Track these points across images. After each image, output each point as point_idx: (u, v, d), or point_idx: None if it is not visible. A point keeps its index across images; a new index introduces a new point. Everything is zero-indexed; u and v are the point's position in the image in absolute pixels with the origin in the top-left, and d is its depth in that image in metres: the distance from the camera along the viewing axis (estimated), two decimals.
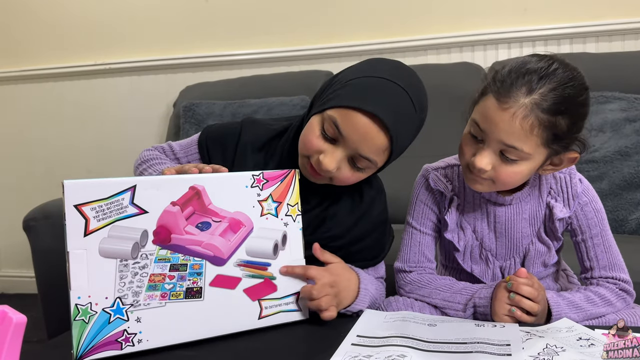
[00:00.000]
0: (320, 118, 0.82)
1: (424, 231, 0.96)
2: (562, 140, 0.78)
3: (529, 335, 0.70)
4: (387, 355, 0.65)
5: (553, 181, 0.90)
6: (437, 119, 1.87)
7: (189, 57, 2.27)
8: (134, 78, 2.35)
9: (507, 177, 0.81)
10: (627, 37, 1.87)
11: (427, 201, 0.96)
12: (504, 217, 0.90)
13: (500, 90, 0.77)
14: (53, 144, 2.44)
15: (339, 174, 0.83)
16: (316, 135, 0.82)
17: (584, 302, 0.84)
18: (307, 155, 0.84)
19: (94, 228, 0.69)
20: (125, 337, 0.69)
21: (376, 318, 0.81)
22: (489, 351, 0.65)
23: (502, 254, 0.91)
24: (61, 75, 2.41)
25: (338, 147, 0.81)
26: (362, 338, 0.72)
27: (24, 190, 2.46)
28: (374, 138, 0.79)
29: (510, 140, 0.76)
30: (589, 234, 0.89)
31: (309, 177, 0.86)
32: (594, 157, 1.55)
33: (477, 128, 0.80)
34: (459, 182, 0.93)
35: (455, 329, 0.74)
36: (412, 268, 0.95)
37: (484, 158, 0.79)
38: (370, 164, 0.82)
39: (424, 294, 0.90)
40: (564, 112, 0.75)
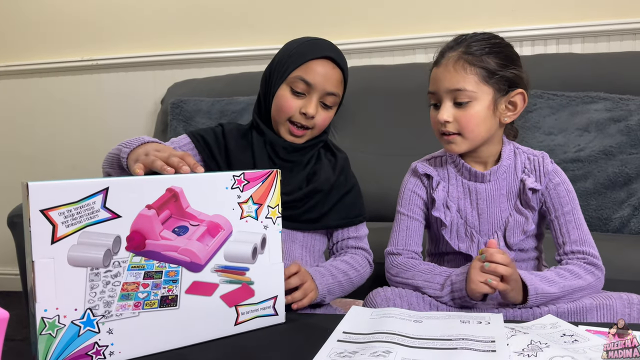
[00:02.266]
0: (286, 85, 1.02)
1: (411, 216, 1.04)
2: (496, 75, 0.93)
3: (513, 332, 0.71)
4: (373, 351, 0.65)
5: (527, 161, 1.01)
6: (426, 118, 1.88)
7: (176, 54, 2.25)
8: (121, 74, 2.34)
9: (468, 122, 0.94)
10: (613, 38, 1.89)
11: (415, 188, 1.05)
12: (485, 193, 1.00)
13: (437, 59, 0.97)
14: (38, 141, 2.42)
15: (317, 119, 1.02)
16: (290, 98, 1.01)
17: (555, 277, 0.91)
18: (288, 118, 1.02)
19: (62, 235, 0.63)
20: (97, 349, 0.65)
21: (362, 315, 0.81)
22: (474, 347, 0.65)
23: (485, 229, 1.00)
24: (47, 71, 2.39)
25: (310, 96, 1.01)
26: (348, 334, 0.73)
27: (8, 187, 2.42)
28: (333, 74, 1.03)
29: (453, 84, 0.93)
30: (562, 211, 0.98)
31: (293, 139, 1.04)
32: (578, 157, 1.57)
33: (431, 94, 0.98)
34: (443, 169, 1.04)
35: (440, 325, 0.74)
36: (400, 251, 1.03)
37: (442, 112, 0.95)
38: (336, 98, 1.04)
39: (408, 276, 0.98)
40: (490, 53, 0.94)
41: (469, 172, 1.00)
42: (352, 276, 1.04)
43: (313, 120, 1.02)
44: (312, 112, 1.01)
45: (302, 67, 1.01)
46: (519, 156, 1.01)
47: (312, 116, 1.01)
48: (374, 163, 1.82)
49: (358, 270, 1.06)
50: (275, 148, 1.04)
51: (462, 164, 1.00)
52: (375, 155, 1.83)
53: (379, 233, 1.26)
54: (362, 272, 1.07)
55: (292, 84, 1.01)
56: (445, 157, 1.04)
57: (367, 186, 1.80)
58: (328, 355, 0.65)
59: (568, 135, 1.62)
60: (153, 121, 2.23)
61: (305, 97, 1.02)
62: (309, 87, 1.01)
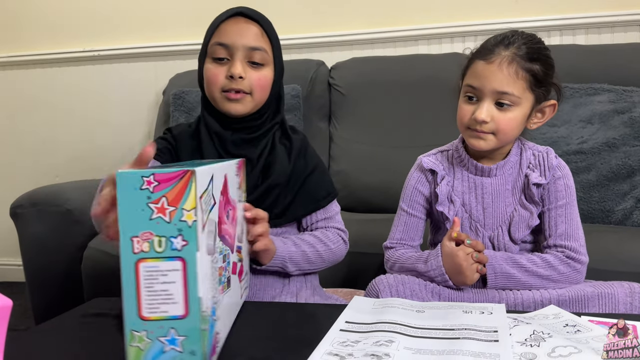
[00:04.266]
0: (208, 58, 0.97)
1: (411, 213, 1.05)
2: (542, 85, 0.93)
3: (516, 322, 0.71)
4: (375, 340, 0.65)
5: (532, 157, 1.01)
6: (428, 109, 1.89)
7: (179, 45, 2.25)
8: (123, 65, 2.33)
9: (505, 125, 0.93)
10: (616, 29, 1.88)
11: (418, 184, 1.05)
12: (490, 188, 1.00)
13: (485, 52, 0.93)
14: (41, 131, 2.42)
15: (250, 79, 0.96)
16: (213, 67, 0.96)
17: (524, 260, 0.93)
18: (220, 89, 0.96)
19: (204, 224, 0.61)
20: None
21: (365, 305, 0.81)
22: (476, 337, 0.65)
23: (489, 224, 1.00)
24: (49, 61, 2.38)
25: (233, 58, 0.95)
26: (351, 324, 0.73)
27: (11, 178, 2.44)
28: (248, 29, 0.97)
29: (502, 86, 0.90)
30: (555, 204, 0.98)
31: (234, 107, 0.97)
32: (581, 149, 1.57)
33: (472, 89, 0.94)
34: (449, 163, 1.04)
35: (443, 315, 0.74)
36: (394, 244, 1.05)
37: (483, 110, 0.92)
38: (262, 53, 0.97)
39: (401, 263, 1.00)
40: (537, 60, 0.92)
41: (475, 167, 1.00)
42: (320, 250, 0.99)
43: (245, 81, 0.95)
44: (237, 71, 0.94)
45: (216, 32, 0.97)
46: (525, 152, 1.01)
47: (240, 76, 0.94)
48: (375, 155, 1.82)
49: (327, 245, 1.00)
50: (224, 143, 0.99)
51: (469, 159, 1.00)
52: (377, 147, 1.83)
53: (380, 224, 1.26)
54: (334, 248, 1.01)
55: (213, 54, 0.96)
56: (451, 151, 1.04)
57: (369, 178, 1.81)
58: (330, 344, 0.65)
59: (571, 127, 1.61)
60: (155, 112, 2.23)
61: (229, 62, 0.96)
62: (227, 50, 0.95)
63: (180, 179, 0.57)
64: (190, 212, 0.57)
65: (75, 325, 0.79)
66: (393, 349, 0.63)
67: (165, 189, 0.57)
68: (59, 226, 1.50)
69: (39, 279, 1.54)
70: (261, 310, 0.83)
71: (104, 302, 0.87)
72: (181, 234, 0.57)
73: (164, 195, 0.57)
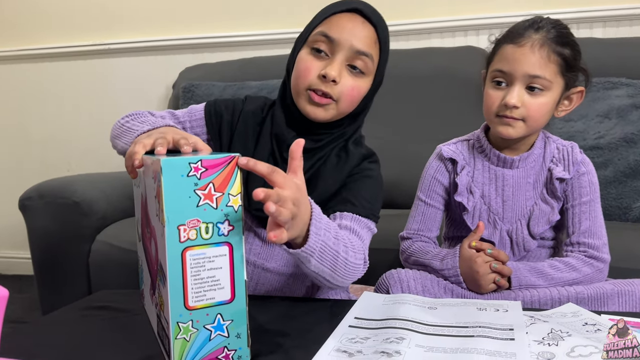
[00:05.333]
0: (307, 47, 0.87)
1: (429, 203, 1.02)
2: (572, 69, 0.91)
3: (532, 320, 0.68)
4: (386, 337, 0.63)
5: (556, 151, 0.98)
6: (442, 102, 1.86)
7: (188, 38, 2.23)
8: (132, 59, 2.32)
9: (536, 111, 0.90)
10: (635, 22, 1.84)
11: (437, 174, 1.02)
12: (512, 180, 0.97)
13: (515, 36, 0.90)
14: (50, 125, 2.41)
15: (343, 86, 0.84)
16: (309, 59, 0.85)
17: (547, 268, 0.90)
18: (307, 86, 0.85)
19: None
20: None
21: (375, 300, 0.79)
22: (491, 335, 0.63)
23: (508, 217, 0.97)
24: (59, 55, 2.37)
25: (333, 57, 0.84)
26: (360, 320, 0.70)
27: (21, 171, 2.44)
28: (361, 29, 0.85)
29: (534, 69, 0.88)
30: (579, 201, 0.95)
31: (314, 111, 0.85)
32: (598, 144, 1.53)
33: (501, 73, 0.91)
34: (469, 153, 1.01)
35: (456, 312, 0.72)
36: (410, 235, 1.03)
37: (514, 95, 0.89)
38: (367, 61, 0.85)
39: (417, 256, 0.97)
40: (566, 44, 0.90)
41: (497, 158, 0.97)
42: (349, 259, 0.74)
43: (336, 86, 0.83)
44: (333, 72, 0.82)
45: (325, 22, 0.86)
46: (549, 145, 0.98)
47: (334, 79, 0.83)
48: (386, 149, 1.77)
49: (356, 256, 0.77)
50: (281, 146, 0.88)
51: (491, 149, 0.97)
52: (389, 142, 1.80)
53: (393, 220, 1.23)
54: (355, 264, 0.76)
55: (313, 43, 0.85)
56: (472, 140, 1.02)
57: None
58: (339, 341, 0.63)
59: (588, 122, 1.58)
60: (165, 106, 2.22)
61: (328, 58, 0.84)
62: (331, 44, 0.84)
63: (228, 164, 0.58)
64: (237, 197, 0.58)
65: (76, 318, 0.77)
66: (404, 346, 0.60)
67: (213, 175, 0.57)
68: (67, 218, 1.50)
69: (47, 272, 1.54)
70: (267, 304, 0.81)
71: (108, 295, 0.85)
72: (228, 219, 0.58)
73: (211, 182, 0.57)
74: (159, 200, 0.57)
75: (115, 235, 1.50)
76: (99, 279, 1.49)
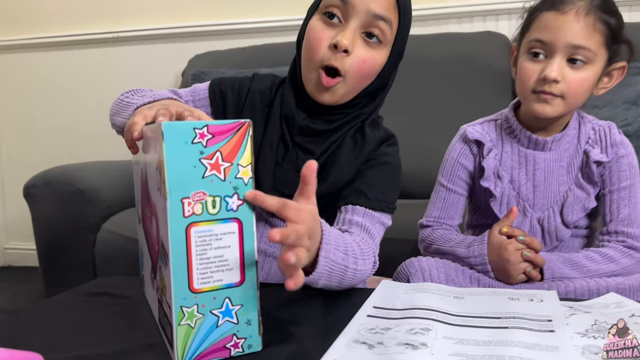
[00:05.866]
0: (318, 12, 0.78)
1: (451, 188, 0.95)
2: (617, 41, 0.83)
3: (572, 311, 0.61)
4: (409, 328, 0.56)
5: (592, 132, 0.91)
6: (459, 89, 1.78)
7: (198, 25, 2.19)
8: (141, 47, 2.29)
9: (577, 86, 0.82)
10: None
11: (460, 157, 0.95)
12: (544, 164, 0.89)
13: (557, 2, 0.82)
14: (59, 114, 2.39)
15: (355, 56, 0.75)
16: (321, 29, 0.77)
17: (582, 260, 0.84)
18: (319, 63, 0.76)
19: None
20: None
21: (394, 288, 0.72)
22: (528, 327, 0.56)
23: (539, 204, 0.89)
24: (68, 43, 2.35)
25: (347, 22, 0.76)
26: (379, 309, 0.64)
27: (29, 162, 2.40)
28: None
29: (578, 39, 0.80)
30: (617, 186, 0.89)
31: (322, 95, 0.78)
32: (626, 131, 1.43)
33: (540, 43, 0.83)
34: (497, 134, 0.93)
35: (485, 302, 0.65)
36: (431, 222, 0.95)
37: (554, 67, 0.81)
38: (385, 28, 0.76)
39: (438, 245, 0.91)
40: (612, 13, 0.82)
41: (528, 139, 0.89)
42: (359, 268, 0.70)
43: (347, 59, 0.75)
44: (345, 41, 0.73)
45: None
46: (584, 125, 0.91)
47: (346, 49, 0.74)
48: (402, 138, 1.71)
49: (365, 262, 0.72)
50: (292, 128, 0.82)
51: (521, 130, 0.90)
52: (405, 130, 1.72)
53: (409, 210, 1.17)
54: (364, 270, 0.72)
55: (325, 8, 0.76)
56: (500, 121, 0.94)
57: None
58: (357, 331, 0.57)
59: (614, 109, 1.51)
60: None
61: (341, 25, 0.76)
62: (345, 8, 0.75)
63: (237, 131, 0.52)
64: (247, 168, 0.52)
65: (72, 305, 0.71)
66: (430, 337, 0.54)
67: (220, 142, 0.51)
68: (71, 206, 1.45)
69: (52, 261, 1.50)
70: (277, 291, 0.75)
71: (108, 281, 0.80)
72: (237, 192, 0.52)
73: (218, 150, 0.51)
74: (160, 170, 0.51)
75: (121, 224, 1.46)
76: (104, 268, 1.44)
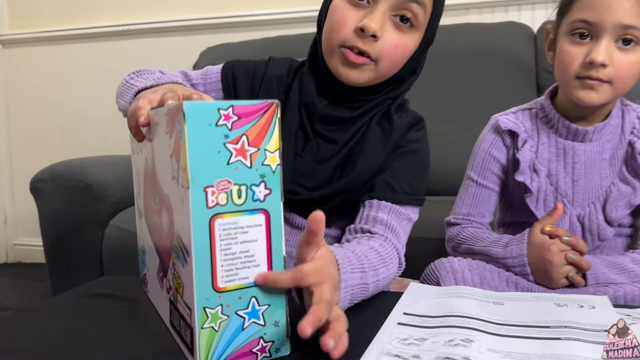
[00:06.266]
0: None
1: (482, 183, 0.88)
2: None
3: (630, 319, 0.55)
4: (448, 338, 0.50)
5: (637, 121, 0.84)
6: (481, 82, 1.71)
7: (210, 18, 2.14)
8: (153, 40, 2.25)
9: (626, 71, 0.75)
10: None
11: (492, 149, 0.88)
12: (584, 156, 0.82)
13: None
14: (70, 108, 2.36)
15: (384, 42, 0.69)
16: (346, 9, 0.70)
17: (629, 263, 0.78)
18: (341, 42, 0.70)
19: None
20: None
21: (424, 292, 0.66)
22: (582, 338, 0.49)
23: (579, 199, 0.83)
24: (78, 37, 2.32)
25: (376, 4, 0.69)
26: (411, 317, 0.58)
27: (39, 156, 2.37)
28: None
29: (629, 18, 0.73)
30: None
31: (343, 75, 0.72)
32: None
33: (585, 24, 0.76)
34: (532, 124, 0.86)
35: (529, 308, 0.59)
36: (459, 220, 0.88)
37: (601, 50, 0.74)
38: (419, 9, 0.69)
39: (469, 244, 0.84)
40: None
41: (567, 130, 0.82)
42: (380, 277, 0.65)
43: (377, 43, 0.69)
44: (373, 25, 0.67)
45: None
46: (628, 114, 0.84)
47: (374, 33, 0.68)
48: None
49: (388, 268, 0.67)
50: (312, 116, 0.76)
51: (559, 119, 0.82)
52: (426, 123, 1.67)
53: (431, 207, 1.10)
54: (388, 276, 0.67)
55: None
56: (535, 109, 0.87)
57: None
58: (389, 342, 0.51)
59: None
60: None
61: (368, 7, 0.69)
62: None
63: (264, 112, 0.47)
64: (274, 154, 0.48)
65: (69, 309, 0.64)
66: (474, 350, 0.47)
67: (246, 125, 0.46)
68: (79, 202, 1.40)
69: (59, 258, 1.45)
70: None
71: (111, 281, 0.74)
72: (264, 180, 0.47)
73: (244, 134, 0.46)
74: (179, 157, 0.45)
75: (130, 220, 1.40)
76: (112, 266, 1.39)
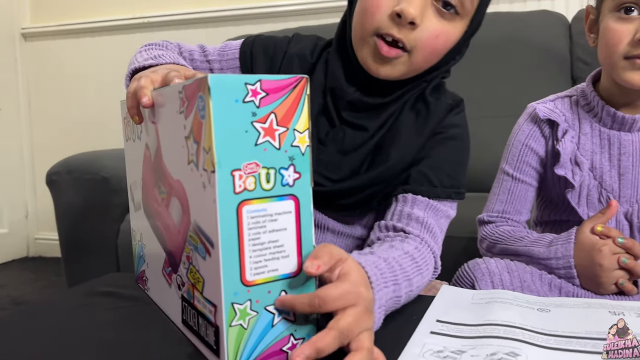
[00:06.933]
0: None
1: (518, 178, 0.82)
2: None
3: None
4: (490, 351, 0.44)
5: None
6: (512, 74, 1.63)
7: (230, 9, 2.11)
8: (173, 32, 2.22)
9: None
10: None
11: (529, 140, 0.81)
12: (631, 147, 0.76)
13: None
14: (91, 101, 2.35)
15: (423, 31, 0.62)
16: None
17: None
18: (374, 30, 0.63)
19: None
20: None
21: (459, 297, 0.59)
22: None
23: (627, 195, 0.76)
24: (98, 29, 2.31)
25: None
26: (445, 324, 0.52)
27: (60, 150, 2.36)
28: None
29: None
30: None
31: (373, 69, 0.65)
32: None
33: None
34: (572, 113, 0.80)
35: (580, 317, 0.52)
36: (493, 218, 0.81)
37: None
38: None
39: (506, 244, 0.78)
40: None
41: (611, 118, 0.75)
42: (414, 287, 0.58)
43: (413, 33, 0.62)
44: (412, 10, 0.59)
45: None
46: None
47: (412, 20, 0.60)
48: None
49: (422, 275, 0.60)
50: (338, 102, 0.69)
51: (603, 107, 0.75)
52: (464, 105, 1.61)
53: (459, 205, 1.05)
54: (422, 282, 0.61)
55: None
56: (576, 97, 0.80)
57: None
58: (421, 355, 0.45)
59: None
60: None
61: None
62: None
63: (294, 88, 0.42)
64: (304, 134, 0.43)
65: (70, 309, 0.60)
66: None
67: (275, 102, 0.42)
68: (95, 195, 1.38)
69: (74, 252, 1.43)
70: None
71: (119, 278, 0.70)
72: (293, 163, 0.43)
73: (272, 112, 0.42)
74: (199, 137, 0.41)
75: None
76: (128, 261, 1.35)
